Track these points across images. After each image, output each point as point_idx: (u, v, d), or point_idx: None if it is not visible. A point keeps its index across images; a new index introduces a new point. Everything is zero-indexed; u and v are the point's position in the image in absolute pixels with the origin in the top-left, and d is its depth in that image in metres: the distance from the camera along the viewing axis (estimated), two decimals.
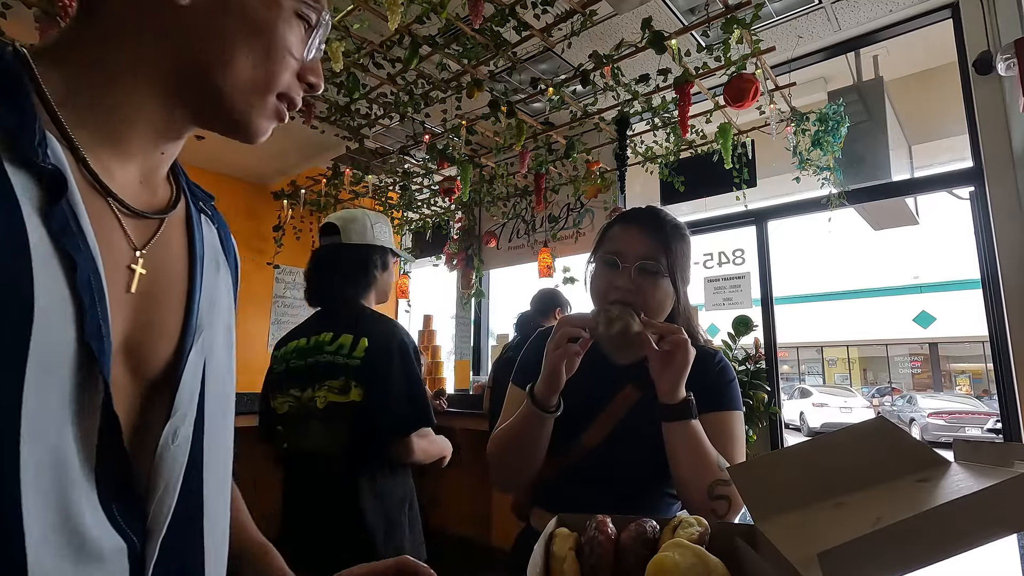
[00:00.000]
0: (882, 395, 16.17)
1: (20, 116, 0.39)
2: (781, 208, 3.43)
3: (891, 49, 3.49)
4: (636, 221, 1.05)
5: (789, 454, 0.72)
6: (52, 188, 0.39)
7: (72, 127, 0.42)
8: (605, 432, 1.01)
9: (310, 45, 0.50)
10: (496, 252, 4.67)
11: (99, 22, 0.45)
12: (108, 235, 0.44)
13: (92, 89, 0.44)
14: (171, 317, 0.48)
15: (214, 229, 0.57)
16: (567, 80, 2.82)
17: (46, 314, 0.37)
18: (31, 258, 0.37)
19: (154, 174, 0.50)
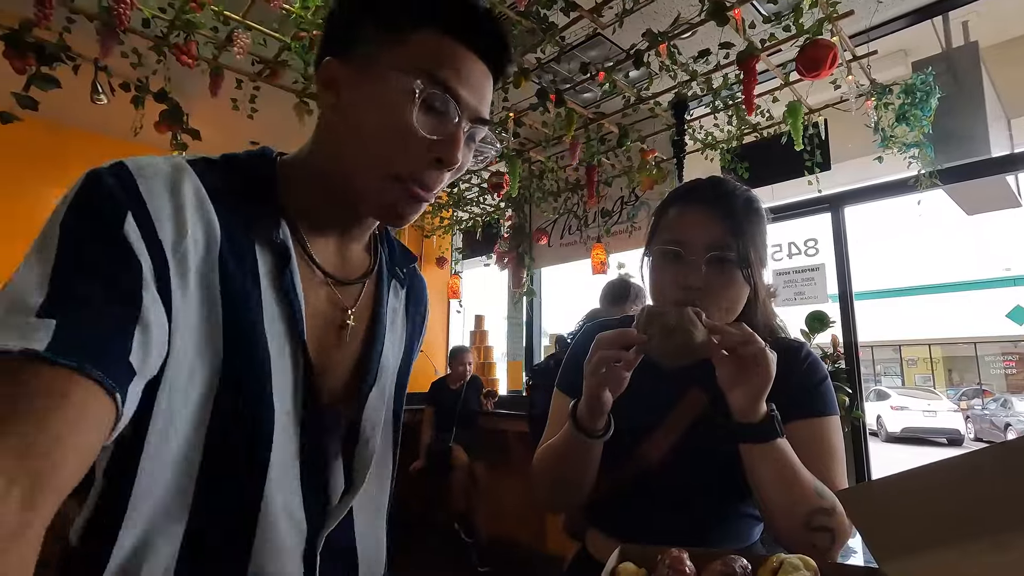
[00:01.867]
0: (970, 398, 14.88)
1: (266, 210, 0.56)
2: (860, 192, 3.13)
3: (983, 12, 3.12)
4: (699, 199, 0.86)
5: (921, 476, 0.56)
6: (280, 259, 0.55)
7: (297, 222, 0.59)
8: (668, 443, 0.84)
9: (431, 121, 0.55)
10: (547, 249, 4.55)
11: (315, 142, 0.61)
12: (321, 298, 0.61)
13: (301, 187, 0.59)
14: (362, 360, 0.64)
15: (402, 292, 0.72)
16: (619, 64, 2.67)
17: (274, 347, 0.53)
18: (263, 314, 0.53)
19: (348, 248, 0.65)
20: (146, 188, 0.48)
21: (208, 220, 0.50)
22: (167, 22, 2.29)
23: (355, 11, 0.57)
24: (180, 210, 0.48)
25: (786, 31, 2.31)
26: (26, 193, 3.58)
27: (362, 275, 0.65)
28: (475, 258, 5.33)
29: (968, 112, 2.82)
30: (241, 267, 0.52)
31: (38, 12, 1.93)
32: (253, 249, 0.54)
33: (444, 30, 0.54)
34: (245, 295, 0.52)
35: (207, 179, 0.52)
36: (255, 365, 0.52)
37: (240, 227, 0.53)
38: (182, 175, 0.50)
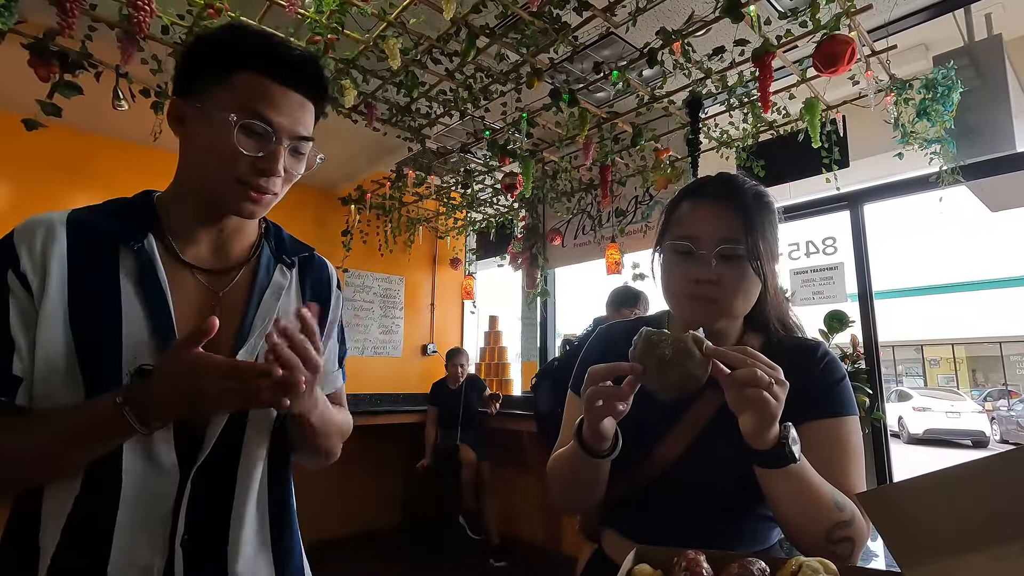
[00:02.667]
0: (996, 399, 14.51)
1: (130, 228, 0.74)
2: (880, 189, 3.08)
3: (1007, 4, 3.05)
4: (709, 195, 0.86)
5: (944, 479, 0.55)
6: (141, 261, 0.73)
7: (170, 232, 0.77)
8: (685, 442, 0.83)
9: (252, 143, 0.72)
10: (561, 250, 4.53)
11: (177, 168, 0.79)
12: (185, 286, 0.76)
13: (175, 208, 0.78)
14: (231, 330, 0.77)
15: (291, 272, 0.86)
16: (632, 63, 2.65)
17: (129, 330, 0.70)
18: (121, 301, 0.71)
19: (223, 246, 0.81)
20: (17, 243, 0.69)
21: (60, 254, 0.69)
22: (185, 28, 2.33)
23: (192, 58, 0.74)
24: (38, 255, 0.69)
25: (802, 27, 2.28)
26: (51, 199, 3.66)
27: (239, 263, 0.81)
28: (489, 259, 5.33)
29: (992, 106, 2.76)
30: (95, 273, 0.70)
31: (61, 21, 1.97)
32: (116, 259, 0.72)
33: (259, 71, 0.72)
34: (96, 293, 0.69)
35: (76, 218, 0.72)
36: (107, 346, 0.68)
37: (102, 245, 0.72)
38: (44, 228, 0.70)
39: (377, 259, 4.94)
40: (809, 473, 0.72)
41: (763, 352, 0.76)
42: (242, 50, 0.72)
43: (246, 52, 0.72)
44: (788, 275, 3.26)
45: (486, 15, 2.38)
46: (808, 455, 0.73)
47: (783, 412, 0.70)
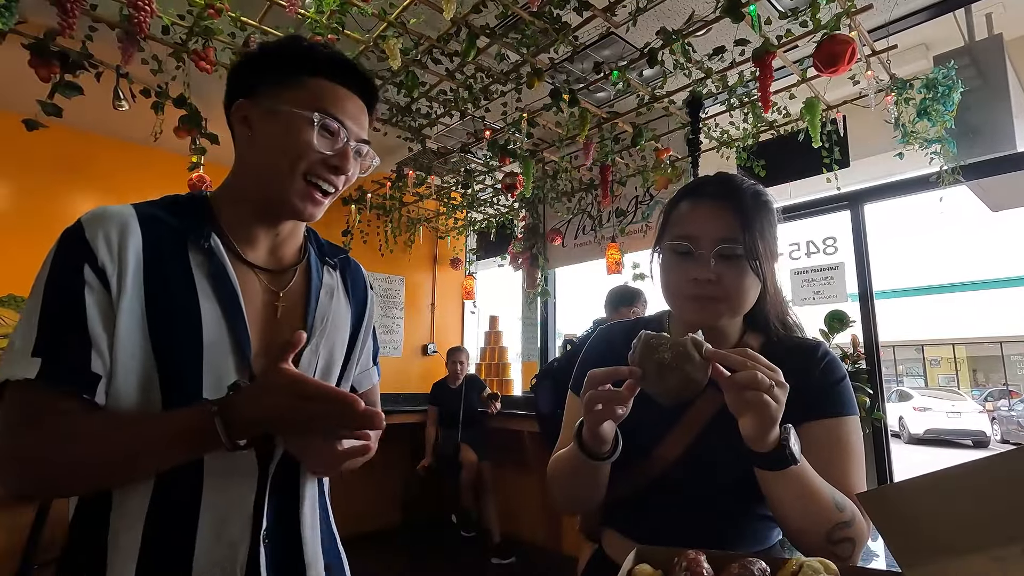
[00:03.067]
0: (996, 399, 14.50)
1: (195, 225, 0.74)
2: (880, 189, 3.08)
3: (1008, 4, 3.05)
4: (707, 194, 0.86)
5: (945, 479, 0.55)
6: (210, 257, 0.73)
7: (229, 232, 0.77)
8: (685, 442, 0.83)
9: (327, 142, 0.75)
10: (561, 250, 4.53)
11: (233, 169, 0.81)
12: (251, 285, 0.77)
13: (232, 208, 0.79)
14: (293, 330, 0.74)
15: (336, 273, 0.89)
16: (633, 63, 2.65)
17: (208, 326, 0.70)
18: (198, 295, 0.70)
19: (280, 248, 0.82)
20: (92, 237, 0.67)
21: (136, 248, 0.68)
22: (186, 28, 2.33)
23: (255, 64, 0.78)
24: (116, 249, 0.67)
25: (803, 27, 2.28)
26: (51, 199, 3.66)
27: (292, 264, 0.84)
28: (489, 259, 5.33)
29: (992, 106, 2.76)
30: (171, 270, 0.70)
31: (62, 21, 1.97)
32: (186, 256, 0.72)
33: (328, 77, 0.76)
34: (173, 291, 0.69)
35: (144, 212, 0.71)
36: (188, 347, 0.68)
37: (172, 241, 0.71)
38: (118, 222, 0.69)
39: (377, 259, 4.94)
40: (809, 474, 0.72)
41: (763, 352, 0.76)
42: (313, 57, 0.77)
43: (317, 59, 0.77)
44: (788, 275, 3.26)
45: (486, 15, 2.38)
46: (808, 455, 0.73)
47: (785, 413, 0.69)
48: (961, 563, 0.50)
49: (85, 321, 0.64)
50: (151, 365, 0.66)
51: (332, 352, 0.83)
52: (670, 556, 0.55)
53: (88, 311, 0.64)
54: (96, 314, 0.65)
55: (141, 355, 0.66)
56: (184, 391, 0.67)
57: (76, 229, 0.68)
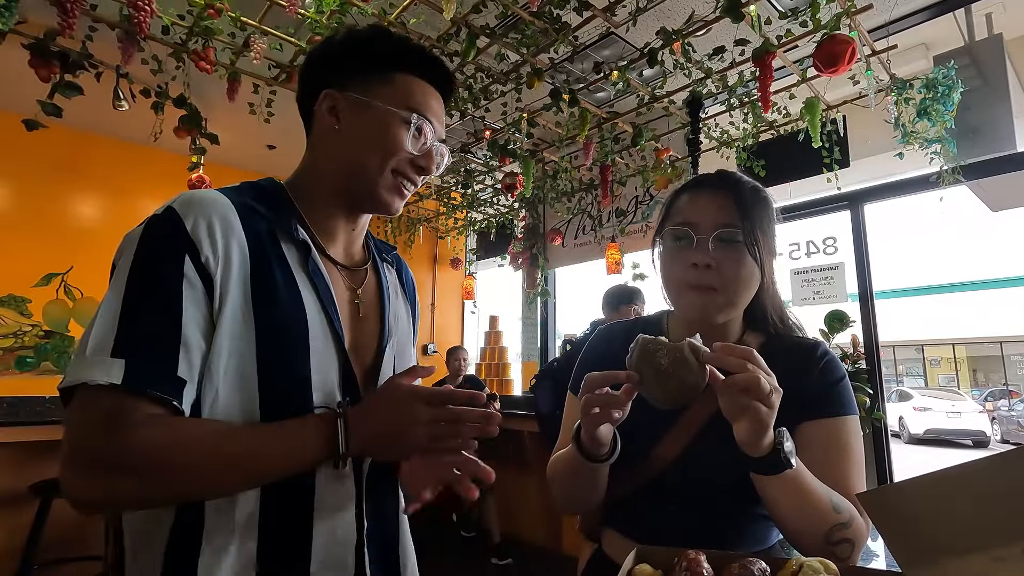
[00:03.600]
0: (997, 399, 14.50)
1: (284, 216, 0.71)
2: (880, 189, 3.08)
3: (1008, 4, 3.05)
4: (708, 185, 0.87)
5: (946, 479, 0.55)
6: (303, 251, 0.70)
7: (310, 224, 0.74)
8: (683, 442, 0.83)
9: (416, 142, 0.74)
10: (561, 250, 4.53)
11: (306, 160, 0.78)
12: (337, 281, 0.75)
13: (310, 200, 0.75)
14: (373, 328, 0.78)
15: (393, 271, 0.88)
16: (633, 63, 2.65)
17: (312, 320, 0.67)
18: (300, 290, 0.68)
19: (352, 244, 0.81)
20: (193, 228, 0.62)
21: (240, 241, 0.64)
22: (186, 29, 2.33)
23: (343, 54, 0.75)
24: (220, 244, 0.63)
25: (803, 27, 2.28)
26: (51, 199, 3.66)
27: (363, 263, 0.83)
28: (489, 259, 5.33)
29: (992, 106, 2.76)
30: (275, 264, 0.67)
31: (62, 21, 1.98)
32: (281, 248, 0.69)
33: (416, 73, 0.75)
34: (279, 284, 0.66)
35: (237, 200, 0.67)
36: (296, 351, 0.66)
37: (268, 233, 0.68)
38: (220, 213, 0.64)
39: None
40: (805, 477, 0.71)
41: (762, 351, 0.75)
42: (404, 52, 0.75)
43: (408, 54, 0.75)
44: (788, 275, 3.26)
45: (486, 15, 2.38)
46: (807, 455, 0.73)
47: (783, 413, 0.69)
48: (961, 563, 0.50)
49: (180, 320, 0.58)
50: (251, 370, 0.63)
51: (404, 352, 0.83)
52: (670, 556, 0.55)
53: (184, 309, 0.59)
54: (194, 314, 0.59)
55: (240, 359, 0.62)
56: (290, 396, 0.64)
57: (171, 216, 0.61)
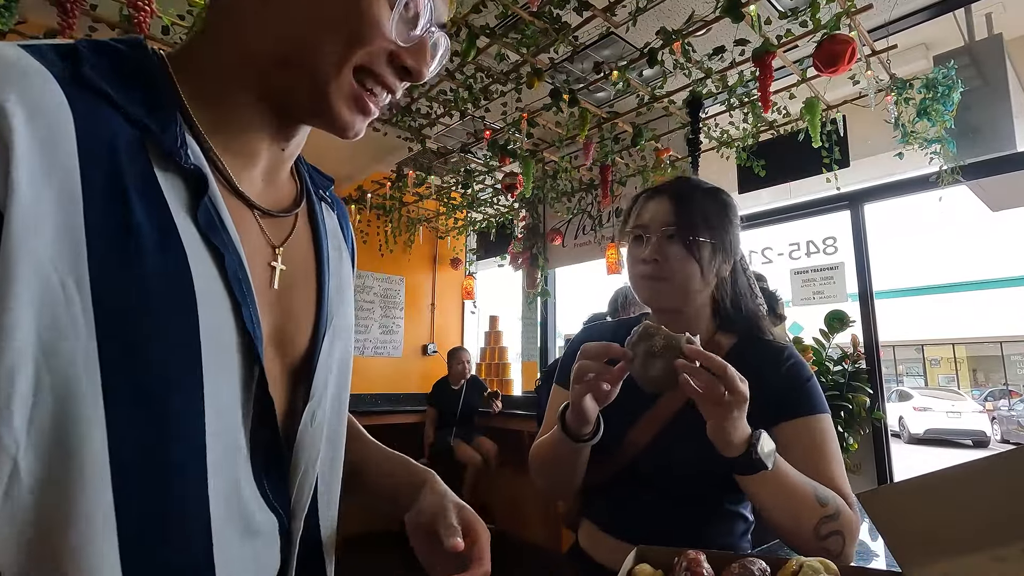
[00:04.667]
0: (996, 398, 14.50)
1: (163, 118, 0.40)
2: (880, 189, 3.08)
3: (1008, 4, 3.05)
4: (660, 191, 0.95)
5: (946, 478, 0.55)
6: (195, 188, 0.41)
7: (209, 136, 0.44)
8: (656, 428, 0.87)
9: (403, 26, 0.45)
10: (561, 250, 4.53)
11: (209, 31, 0.46)
12: (248, 234, 0.46)
13: (212, 95, 0.45)
14: (306, 307, 0.51)
15: (335, 216, 0.59)
16: (633, 63, 2.65)
17: (207, 303, 0.39)
18: (186, 252, 0.39)
19: (277, 173, 0.51)
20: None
21: (67, 150, 0.35)
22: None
23: None
24: (18, 147, 0.33)
25: (803, 27, 2.28)
26: None
27: (291, 205, 0.52)
28: (489, 259, 5.33)
29: (992, 106, 2.76)
30: (146, 197, 0.38)
31: (62, 21, 1.98)
32: (152, 171, 0.39)
33: None
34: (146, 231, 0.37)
35: (65, 71, 0.37)
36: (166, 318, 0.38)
37: (131, 143, 0.38)
38: (21, 85, 0.34)
39: (377, 259, 4.94)
40: (786, 475, 0.74)
41: (732, 352, 0.85)
42: None
43: None
44: (788, 275, 3.26)
45: (486, 15, 2.38)
46: (787, 454, 0.76)
47: (758, 415, 0.73)
48: (961, 563, 0.50)
49: None
50: (86, 407, 0.34)
51: (345, 346, 0.56)
52: (670, 556, 0.56)
53: None
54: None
55: (60, 384, 0.33)
56: (163, 458, 0.37)
57: None
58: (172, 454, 0.38)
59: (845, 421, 2.56)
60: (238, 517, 0.42)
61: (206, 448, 0.39)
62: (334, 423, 0.54)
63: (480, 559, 0.50)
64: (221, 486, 0.40)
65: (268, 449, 0.45)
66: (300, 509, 0.48)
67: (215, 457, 0.40)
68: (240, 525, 0.42)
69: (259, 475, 0.44)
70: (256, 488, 0.44)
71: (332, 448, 0.54)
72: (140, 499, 0.36)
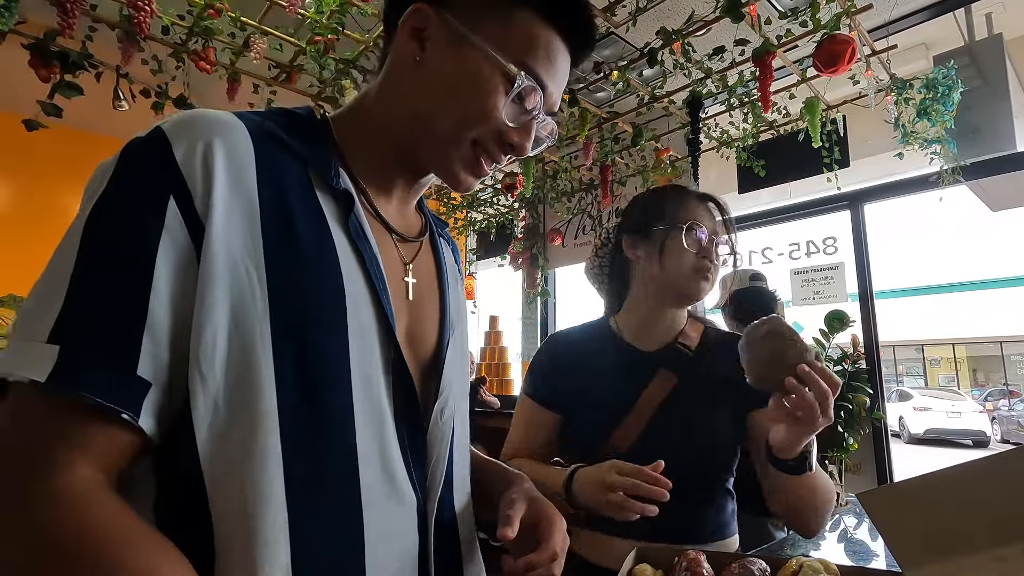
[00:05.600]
0: (997, 399, 14.51)
1: (322, 154, 0.53)
2: (880, 189, 3.08)
3: (1008, 4, 3.05)
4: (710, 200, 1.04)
5: (946, 478, 0.55)
6: (344, 205, 0.52)
7: (357, 172, 0.56)
8: (638, 430, 0.88)
9: (515, 110, 0.55)
10: (562, 250, 4.53)
11: (369, 90, 0.59)
12: (386, 251, 0.56)
13: (362, 144, 0.57)
14: (431, 316, 0.60)
15: (450, 250, 0.71)
16: (633, 63, 2.65)
17: (352, 293, 0.49)
18: (336, 251, 0.49)
19: (407, 206, 0.63)
20: (185, 157, 0.45)
21: (250, 179, 0.47)
22: (186, 29, 2.33)
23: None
24: (219, 175, 0.45)
25: (803, 27, 2.28)
26: (51, 199, 3.66)
27: (419, 233, 0.63)
28: (489, 259, 5.33)
29: (993, 106, 2.75)
30: (300, 209, 0.49)
31: (62, 21, 1.98)
32: (313, 192, 0.51)
33: (546, 14, 0.54)
34: (304, 235, 0.48)
35: (254, 123, 0.50)
36: (325, 308, 0.48)
37: (293, 172, 0.50)
38: (223, 131, 0.47)
39: None
40: (819, 478, 0.79)
41: (702, 344, 0.93)
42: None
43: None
44: (788, 275, 3.26)
45: None
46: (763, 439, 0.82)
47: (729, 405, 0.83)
48: (961, 563, 0.50)
49: (148, 291, 0.41)
50: (263, 361, 0.44)
51: (465, 352, 0.67)
52: (670, 556, 0.56)
53: (157, 275, 0.41)
54: (170, 282, 0.42)
55: (244, 347, 0.44)
56: (319, 400, 0.46)
57: (156, 140, 0.45)
58: (324, 407, 0.46)
59: (845, 421, 2.56)
60: (386, 480, 0.48)
61: (353, 410, 0.47)
62: (461, 420, 0.61)
63: (545, 544, 0.54)
64: (370, 448, 0.48)
65: (411, 427, 0.52)
66: (434, 492, 0.54)
67: (363, 420, 0.48)
68: (386, 489, 0.48)
69: (404, 449, 0.51)
70: (401, 460, 0.50)
71: (460, 444, 0.60)
72: (300, 444, 0.44)
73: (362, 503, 0.46)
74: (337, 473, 0.45)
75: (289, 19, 2.29)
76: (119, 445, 0.40)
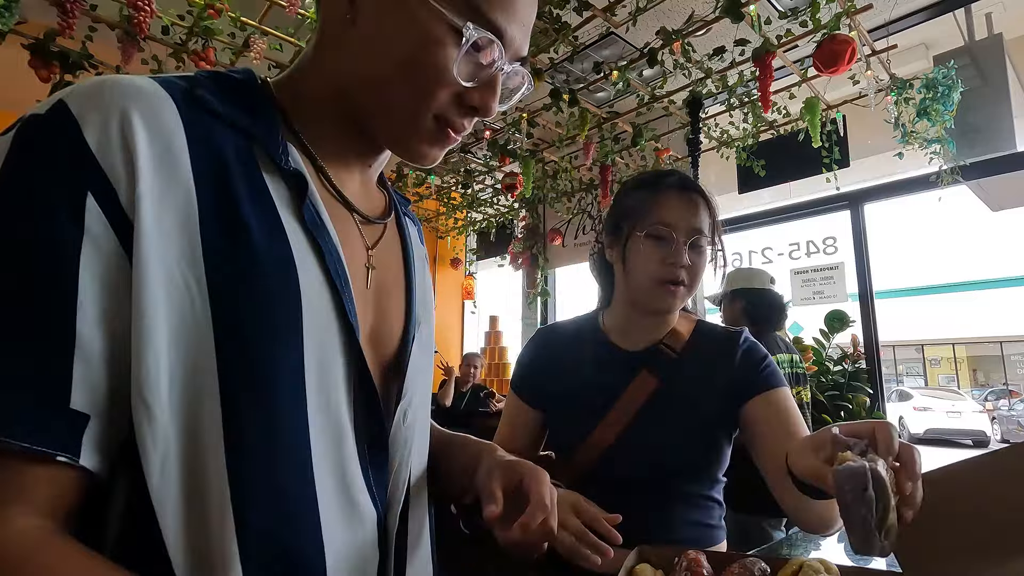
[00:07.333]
0: (996, 398, 14.51)
1: (267, 126, 0.45)
2: (880, 189, 3.08)
3: (1007, 4, 3.05)
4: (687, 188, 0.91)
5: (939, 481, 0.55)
6: (296, 188, 0.45)
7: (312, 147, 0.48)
8: (618, 429, 0.86)
9: (471, 67, 0.47)
10: (561, 250, 4.54)
11: (308, 51, 0.52)
12: (348, 236, 0.49)
13: (312, 114, 0.49)
14: (396, 310, 0.53)
15: (415, 229, 0.63)
16: (633, 63, 2.65)
17: (309, 294, 0.42)
18: (290, 247, 0.42)
19: (368, 183, 0.56)
20: (100, 141, 0.36)
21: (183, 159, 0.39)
22: (186, 29, 2.33)
23: None
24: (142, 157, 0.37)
25: (803, 26, 2.28)
26: None
27: (383, 214, 0.55)
28: (489, 259, 5.33)
29: (992, 106, 2.76)
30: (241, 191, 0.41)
31: (62, 21, 1.98)
32: (258, 172, 0.43)
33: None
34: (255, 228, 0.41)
35: (179, 90, 0.42)
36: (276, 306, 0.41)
37: (239, 150, 0.43)
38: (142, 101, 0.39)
39: None
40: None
41: (692, 338, 0.90)
42: None
43: None
44: (788, 275, 3.26)
45: None
46: (757, 429, 0.81)
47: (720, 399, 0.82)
48: (962, 563, 0.50)
49: (74, 310, 0.34)
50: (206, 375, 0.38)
51: (429, 347, 0.59)
52: (670, 555, 0.56)
53: (82, 290, 0.35)
54: (99, 297, 0.36)
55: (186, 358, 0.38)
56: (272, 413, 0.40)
57: (59, 118, 0.36)
58: (277, 429, 0.40)
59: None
60: (345, 501, 0.44)
61: (308, 426, 0.42)
62: (422, 424, 0.56)
63: (533, 500, 0.50)
64: (327, 466, 0.43)
65: (373, 439, 0.47)
66: (396, 503, 0.50)
67: (318, 434, 0.42)
68: (346, 510, 0.44)
69: (364, 463, 0.46)
70: (361, 475, 0.46)
71: (420, 448, 0.55)
72: (252, 469, 0.39)
73: (321, 525, 0.42)
74: (293, 498, 0.41)
75: (289, 19, 2.29)
76: (62, 487, 0.35)
